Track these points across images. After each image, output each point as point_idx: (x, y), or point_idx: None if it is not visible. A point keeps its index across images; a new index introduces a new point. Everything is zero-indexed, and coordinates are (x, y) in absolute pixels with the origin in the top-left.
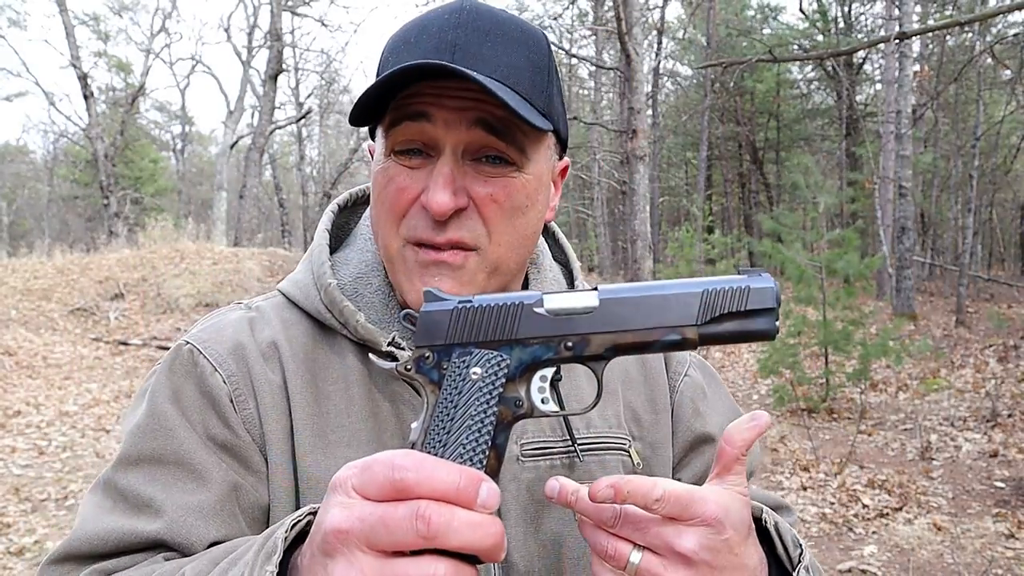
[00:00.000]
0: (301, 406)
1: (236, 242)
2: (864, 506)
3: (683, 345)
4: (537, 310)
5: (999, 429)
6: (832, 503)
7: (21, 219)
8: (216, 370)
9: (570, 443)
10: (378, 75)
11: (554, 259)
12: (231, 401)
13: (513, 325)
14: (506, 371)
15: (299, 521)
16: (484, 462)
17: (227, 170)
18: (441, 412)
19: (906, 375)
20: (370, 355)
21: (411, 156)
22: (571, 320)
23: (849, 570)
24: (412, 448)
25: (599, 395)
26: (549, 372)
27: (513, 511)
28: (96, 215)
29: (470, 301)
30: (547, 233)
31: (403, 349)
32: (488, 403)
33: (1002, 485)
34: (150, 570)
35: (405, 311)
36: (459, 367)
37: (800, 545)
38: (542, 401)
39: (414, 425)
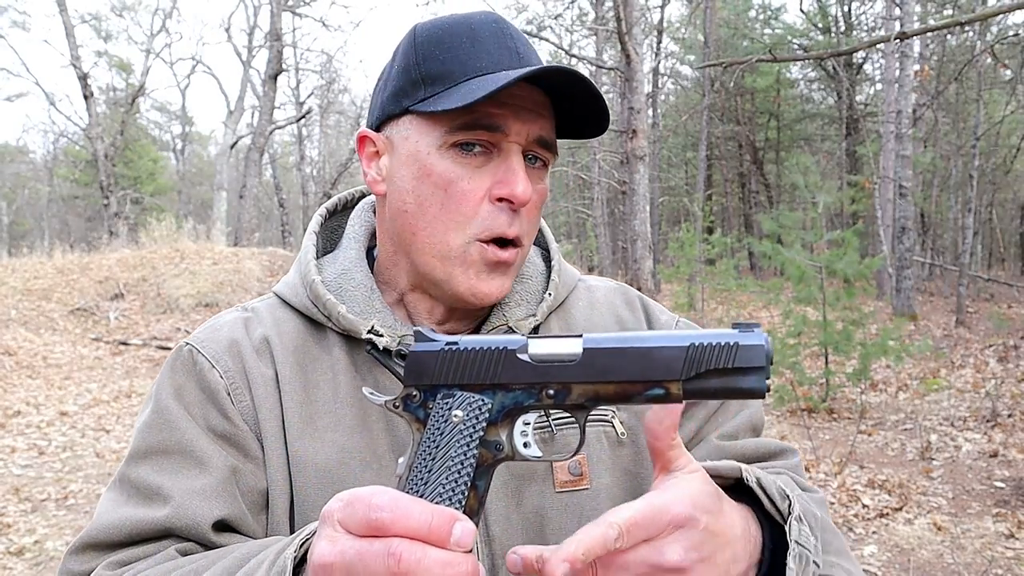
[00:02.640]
0: (291, 395)
1: (236, 242)
2: (864, 506)
3: (667, 399)
4: (521, 356)
5: (999, 429)
6: (832, 503)
7: (21, 219)
8: (214, 367)
9: (546, 420)
10: (421, 65)
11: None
12: (228, 395)
13: (496, 370)
14: (487, 415)
15: (308, 540)
16: (463, 503)
17: (227, 170)
18: (423, 451)
19: (906, 375)
20: (363, 389)
21: (472, 152)
22: (554, 368)
23: None
24: (399, 481)
25: (581, 442)
26: (532, 417)
27: (493, 487)
28: (96, 215)
29: (456, 343)
30: None
31: (381, 336)
32: (468, 446)
33: (1002, 485)
34: (166, 568)
35: (398, 347)
36: (442, 408)
37: (788, 496)
38: (524, 445)
39: (400, 460)
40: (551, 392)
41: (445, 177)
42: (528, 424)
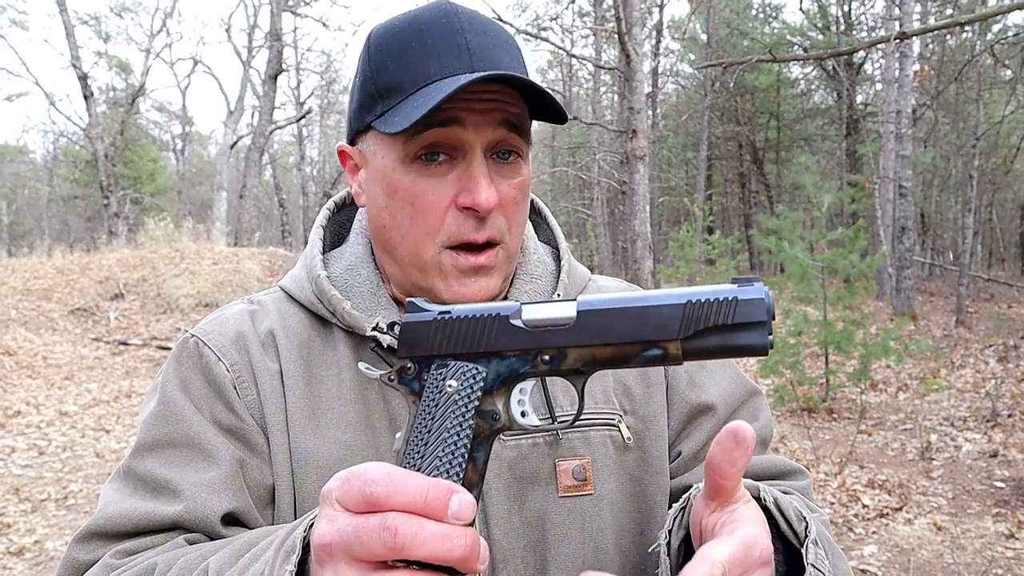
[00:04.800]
0: (294, 390)
1: (236, 242)
2: (864, 506)
3: (665, 360)
4: (514, 322)
5: (999, 429)
6: (832, 503)
7: (21, 219)
8: (220, 359)
9: (551, 421)
10: (376, 78)
11: (542, 239)
12: (234, 388)
13: (490, 337)
14: (482, 384)
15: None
16: (461, 475)
17: (227, 170)
18: (419, 424)
19: (906, 375)
20: (359, 364)
21: (436, 162)
22: (548, 332)
23: None
24: (396, 456)
25: (580, 408)
26: (528, 385)
27: (495, 489)
28: (96, 215)
29: (449, 312)
30: (534, 211)
31: (386, 333)
32: (464, 416)
33: (1002, 485)
34: (175, 555)
35: (390, 320)
36: (436, 379)
37: (805, 518)
38: (522, 414)
39: (398, 435)
40: (546, 358)
41: (411, 191)
42: (525, 392)
